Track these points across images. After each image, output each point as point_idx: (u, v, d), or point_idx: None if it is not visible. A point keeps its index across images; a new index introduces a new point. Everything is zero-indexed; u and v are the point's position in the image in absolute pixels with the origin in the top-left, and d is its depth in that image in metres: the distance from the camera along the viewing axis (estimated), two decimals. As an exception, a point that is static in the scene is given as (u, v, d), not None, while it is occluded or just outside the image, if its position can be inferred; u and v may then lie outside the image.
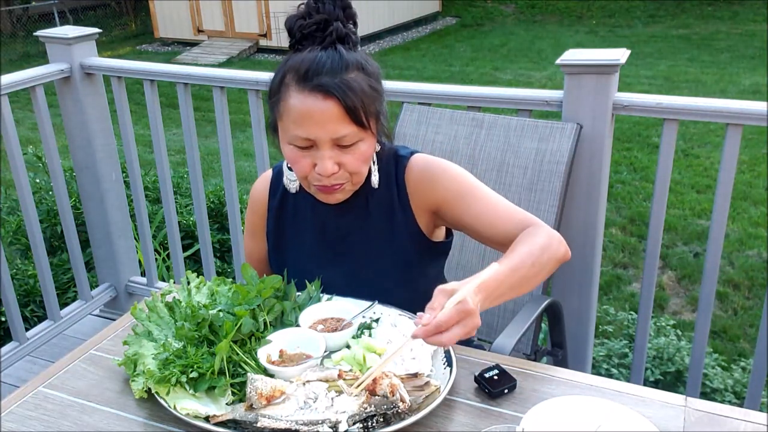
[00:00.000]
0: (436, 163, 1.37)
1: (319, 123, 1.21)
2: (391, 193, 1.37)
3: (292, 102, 1.23)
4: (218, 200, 3.70)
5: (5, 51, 11.86)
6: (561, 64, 1.89)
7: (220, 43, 11.43)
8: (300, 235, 1.45)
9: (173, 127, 6.45)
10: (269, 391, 1.05)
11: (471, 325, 1.03)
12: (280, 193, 1.47)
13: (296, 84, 1.23)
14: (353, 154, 1.26)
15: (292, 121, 1.24)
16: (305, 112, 1.22)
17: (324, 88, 1.20)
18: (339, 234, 1.41)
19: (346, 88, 1.21)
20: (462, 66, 9.61)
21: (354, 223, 1.40)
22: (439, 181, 1.34)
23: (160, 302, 1.27)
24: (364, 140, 1.26)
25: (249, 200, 1.53)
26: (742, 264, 3.96)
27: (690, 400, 1.11)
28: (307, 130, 1.22)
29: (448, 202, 1.33)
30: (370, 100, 1.25)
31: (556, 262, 1.24)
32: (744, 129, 1.80)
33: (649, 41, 10.40)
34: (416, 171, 1.36)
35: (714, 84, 7.95)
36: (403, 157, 1.38)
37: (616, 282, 3.86)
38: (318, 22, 1.25)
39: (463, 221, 1.33)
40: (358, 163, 1.27)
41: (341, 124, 1.22)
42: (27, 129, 7.08)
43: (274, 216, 1.48)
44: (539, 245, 1.22)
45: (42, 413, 1.15)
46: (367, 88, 1.25)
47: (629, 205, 4.84)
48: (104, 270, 2.97)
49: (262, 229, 1.50)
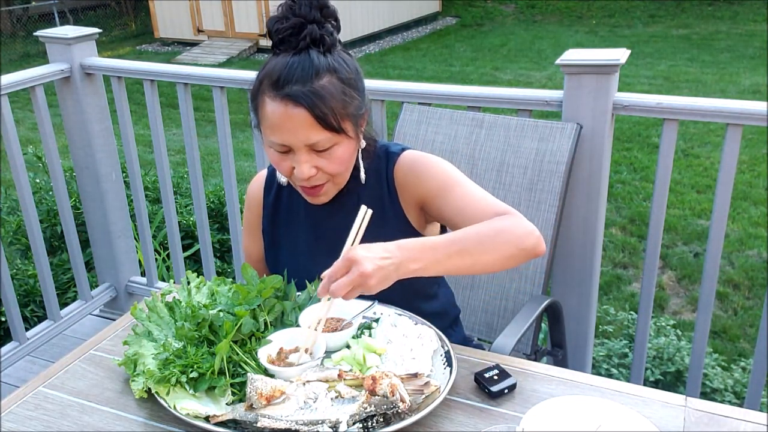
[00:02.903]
0: (424, 158, 1.38)
1: (291, 131, 1.24)
2: (381, 190, 1.39)
3: (268, 109, 1.26)
4: (218, 200, 3.70)
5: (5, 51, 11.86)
6: (561, 64, 1.89)
7: (220, 43, 11.43)
8: (294, 233, 1.46)
9: (173, 127, 6.45)
10: (269, 391, 1.05)
11: (357, 273, 1.05)
12: (274, 192, 1.49)
13: (269, 91, 1.25)
14: (329, 158, 1.28)
15: (268, 128, 1.27)
16: (278, 120, 1.24)
17: (293, 97, 1.22)
18: (332, 232, 1.41)
19: (314, 96, 1.22)
20: (462, 66, 9.60)
21: (346, 220, 1.38)
22: (423, 176, 1.35)
23: (160, 302, 1.27)
24: (339, 144, 1.28)
25: (245, 198, 1.55)
26: (742, 264, 3.96)
27: (690, 400, 1.11)
28: (281, 137, 1.25)
29: (431, 195, 1.34)
30: (342, 104, 1.26)
31: (520, 251, 1.20)
32: (744, 129, 1.80)
33: (649, 41, 10.39)
34: (404, 167, 1.38)
35: (714, 84, 7.94)
36: (394, 153, 1.39)
37: (616, 282, 3.86)
38: (293, 26, 1.25)
39: (445, 215, 1.33)
40: (335, 166, 1.29)
41: (313, 131, 1.24)
42: (27, 129, 7.08)
43: (269, 214, 1.50)
44: (496, 227, 1.20)
45: (42, 413, 1.15)
46: (338, 93, 1.25)
47: (629, 205, 4.84)
48: (104, 270, 2.97)
49: (258, 227, 1.52)
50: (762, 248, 4.14)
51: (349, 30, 11.07)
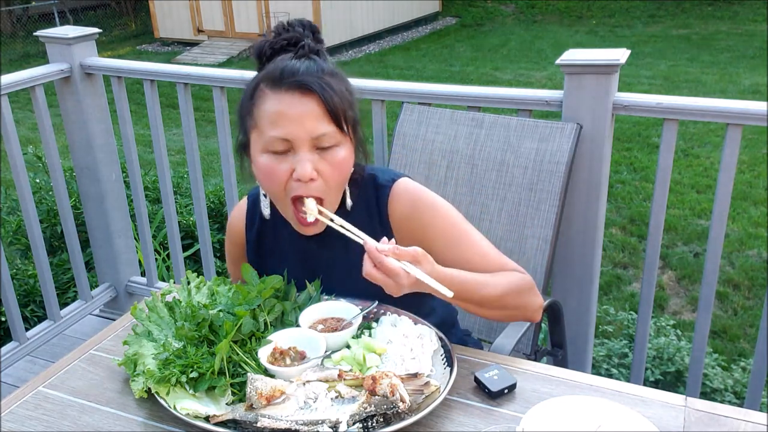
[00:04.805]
0: (423, 200, 1.31)
1: (296, 121, 1.16)
2: (371, 221, 1.31)
3: (268, 104, 1.19)
4: (218, 200, 3.70)
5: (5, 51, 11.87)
6: (561, 64, 1.89)
7: (220, 43, 11.43)
8: (281, 266, 1.37)
9: (173, 127, 6.45)
10: (269, 391, 1.05)
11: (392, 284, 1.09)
12: (257, 225, 1.41)
13: (271, 87, 1.19)
14: (331, 160, 1.20)
15: (268, 123, 1.18)
16: (282, 110, 1.17)
17: (303, 83, 1.17)
18: (321, 265, 1.37)
19: (324, 85, 1.18)
20: (462, 66, 9.60)
21: (334, 254, 1.34)
22: (429, 225, 1.29)
23: (160, 302, 1.27)
24: (341, 146, 1.21)
25: (227, 230, 1.48)
26: (742, 264, 3.96)
27: (690, 400, 1.11)
28: (285, 129, 1.17)
29: (436, 245, 1.26)
30: (348, 104, 1.22)
31: (521, 316, 1.31)
32: (744, 129, 1.80)
33: (649, 41, 10.39)
34: (402, 205, 1.30)
35: (714, 84, 7.94)
36: (384, 186, 1.31)
37: (616, 282, 3.86)
38: (289, 39, 1.24)
39: (451, 263, 1.23)
40: (335, 173, 1.22)
41: (321, 122, 1.17)
42: (27, 129, 7.08)
43: (253, 249, 1.43)
44: (519, 289, 1.27)
45: (42, 413, 1.15)
46: (346, 92, 1.22)
47: (629, 205, 4.84)
48: (104, 270, 2.97)
49: (242, 259, 1.45)
50: (762, 248, 4.14)
51: (349, 30, 11.08)
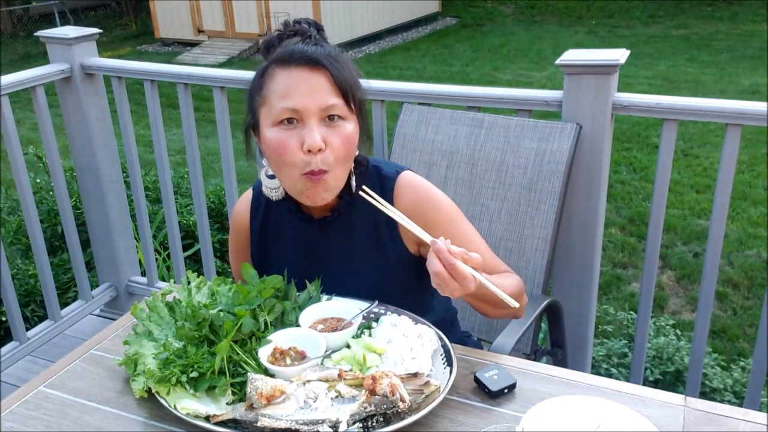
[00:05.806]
0: (427, 195, 1.35)
1: (306, 92, 1.21)
2: (375, 212, 1.31)
3: (278, 80, 1.24)
4: (218, 200, 3.70)
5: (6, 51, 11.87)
6: (561, 64, 1.89)
7: (220, 44, 11.43)
8: (284, 256, 1.42)
9: (173, 127, 6.44)
10: (269, 390, 1.05)
11: (457, 287, 1.10)
12: (261, 215, 1.44)
13: (281, 65, 1.24)
14: (339, 133, 1.23)
15: (278, 96, 1.23)
16: (292, 83, 1.22)
17: (312, 58, 1.22)
18: (323, 253, 1.39)
19: (333, 60, 1.23)
20: (462, 66, 9.60)
21: (338, 241, 1.37)
22: (432, 220, 1.31)
23: (161, 302, 1.27)
24: (348, 120, 1.26)
25: (231, 222, 1.50)
26: (742, 264, 3.96)
27: (689, 399, 1.11)
28: (294, 101, 1.21)
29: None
30: (355, 84, 1.27)
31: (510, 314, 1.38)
32: (743, 129, 1.80)
33: (649, 41, 10.39)
34: (407, 198, 1.34)
35: (714, 84, 7.94)
36: (389, 178, 1.35)
37: (615, 282, 3.87)
38: (296, 30, 1.29)
39: None
40: (343, 146, 1.24)
41: (329, 95, 1.22)
42: (27, 129, 7.08)
43: (257, 239, 1.46)
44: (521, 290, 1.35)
45: (42, 413, 1.15)
46: (354, 71, 1.27)
47: (629, 205, 4.84)
48: (104, 270, 2.97)
49: (246, 250, 1.48)
50: (761, 248, 4.14)
51: (349, 30, 11.08)
